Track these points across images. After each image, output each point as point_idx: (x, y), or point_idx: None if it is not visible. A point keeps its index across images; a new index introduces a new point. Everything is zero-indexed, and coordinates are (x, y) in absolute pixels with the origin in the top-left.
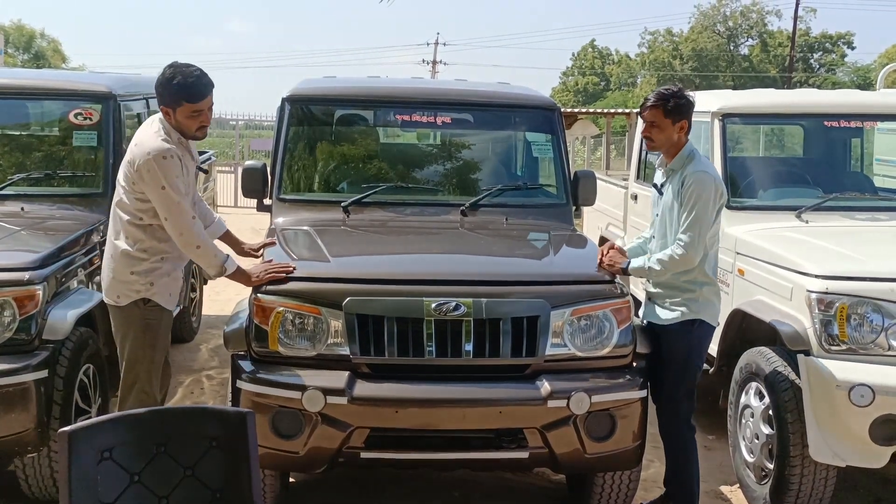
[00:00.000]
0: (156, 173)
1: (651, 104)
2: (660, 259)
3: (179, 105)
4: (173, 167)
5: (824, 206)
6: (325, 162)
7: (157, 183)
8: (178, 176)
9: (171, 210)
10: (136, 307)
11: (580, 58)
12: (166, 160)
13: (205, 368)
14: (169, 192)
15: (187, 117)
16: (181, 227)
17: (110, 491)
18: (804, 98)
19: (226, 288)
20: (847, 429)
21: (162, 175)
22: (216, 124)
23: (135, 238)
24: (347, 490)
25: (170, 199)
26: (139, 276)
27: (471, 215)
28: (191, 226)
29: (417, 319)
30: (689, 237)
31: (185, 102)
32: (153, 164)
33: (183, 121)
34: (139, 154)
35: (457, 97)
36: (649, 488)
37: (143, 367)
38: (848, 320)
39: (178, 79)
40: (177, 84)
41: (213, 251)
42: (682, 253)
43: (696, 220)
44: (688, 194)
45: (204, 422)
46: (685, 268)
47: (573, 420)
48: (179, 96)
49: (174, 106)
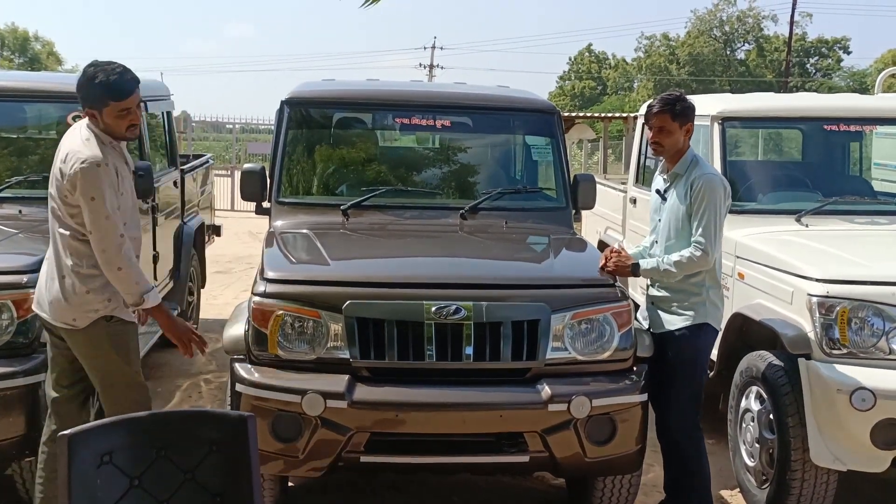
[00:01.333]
0: (87, 183)
1: (658, 110)
2: (676, 261)
3: (106, 105)
4: (106, 177)
5: (824, 210)
6: (325, 165)
7: (88, 193)
8: (110, 187)
9: (97, 224)
10: (98, 327)
11: (577, 62)
12: (100, 168)
13: (202, 372)
14: (98, 205)
15: (115, 117)
16: (105, 243)
17: (110, 495)
18: (804, 102)
19: (223, 291)
20: (848, 433)
21: (93, 185)
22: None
23: (80, 254)
24: (346, 494)
25: (98, 212)
26: (95, 293)
27: (470, 219)
28: (117, 245)
29: (417, 323)
30: (705, 239)
31: (112, 101)
32: (86, 174)
33: (111, 122)
34: (71, 163)
35: (456, 100)
36: (649, 493)
37: (120, 389)
38: (849, 324)
39: (100, 77)
40: (100, 83)
41: (136, 278)
42: (700, 255)
43: (711, 223)
44: (699, 197)
45: (204, 425)
46: (701, 269)
47: (574, 424)
48: (105, 95)
49: (100, 107)
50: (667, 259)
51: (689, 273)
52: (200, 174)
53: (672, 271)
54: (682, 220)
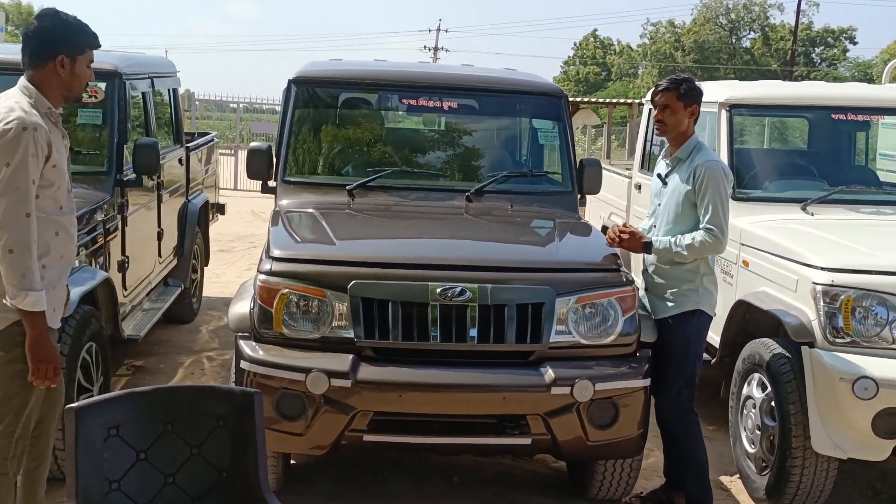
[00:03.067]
0: (6, 146)
1: (664, 87)
2: (688, 244)
3: (82, 52)
4: (33, 145)
5: (830, 199)
6: (331, 145)
7: (3, 159)
8: (33, 157)
9: (4, 194)
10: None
11: (582, 47)
12: (26, 132)
13: (205, 350)
14: (12, 172)
15: (87, 66)
16: (4, 217)
17: (117, 468)
18: (812, 90)
19: (226, 270)
20: (850, 421)
21: (13, 150)
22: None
23: None
24: (348, 472)
25: (9, 180)
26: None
27: (476, 201)
28: (20, 223)
29: (422, 304)
30: (716, 225)
31: (87, 49)
32: (9, 135)
33: (81, 72)
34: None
35: (464, 82)
36: (649, 477)
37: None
38: (853, 313)
39: (71, 20)
40: (81, 27)
41: (25, 269)
42: (714, 241)
43: (718, 208)
44: (702, 185)
45: (211, 401)
46: (714, 254)
47: (576, 407)
48: (85, 41)
49: (76, 53)
50: (679, 240)
51: (703, 256)
52: (205, 152)
53: (683, 253)
54: (682, 205)
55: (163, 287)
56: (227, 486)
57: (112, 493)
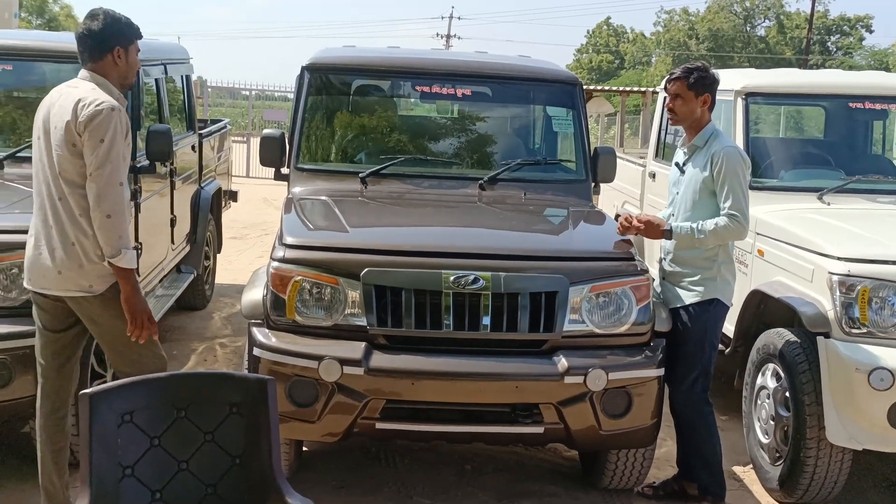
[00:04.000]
0: (101, 125)
1: (675, 77)
2: (711, 229)
3: (131, 42)
4: (119, 124)
5: (846, 189)
6: (344, 132)
7: (98, 136)
8: (120, 133)
9: (101, 168)
10: (115, 290)
11: (595, 35)
12: (114, 112)
13: (217, 336)
14: (107, 147)
15: (135, 56)
16: (103, 187)
17: (130, 454)
18: (829, 78)
19: (238, 257)
20: (865, 412)
21: (106, 128)
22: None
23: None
24: (360, 460)
25: (106, 155)
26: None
27: (489, 189)
28: (116, 191)
29: (435, 292)
30: (737, 210)
31: (135, 38)
32: (102, 116)
33: (133, 61)
34: (85, 107)
35: (478, 69)
36: (662, 467)
37: (137, 347)
38: (869, 303)
39: (120, 16)
40: (126, 21)
41: (121, 231)
42: (736, 226)
43: (738, 194)
44: (721, 171)
45: (225, 387)
46: (737, 239)
47: (589, 396)
48: (132, 33)
49: (127, 45)
50: (701, 226)
51: (724, 242)
52: (218, 139)
53: (705, 239)
54: (700, 192)
55: (175, 274)
56: (240, 473)
57: (126, 478)
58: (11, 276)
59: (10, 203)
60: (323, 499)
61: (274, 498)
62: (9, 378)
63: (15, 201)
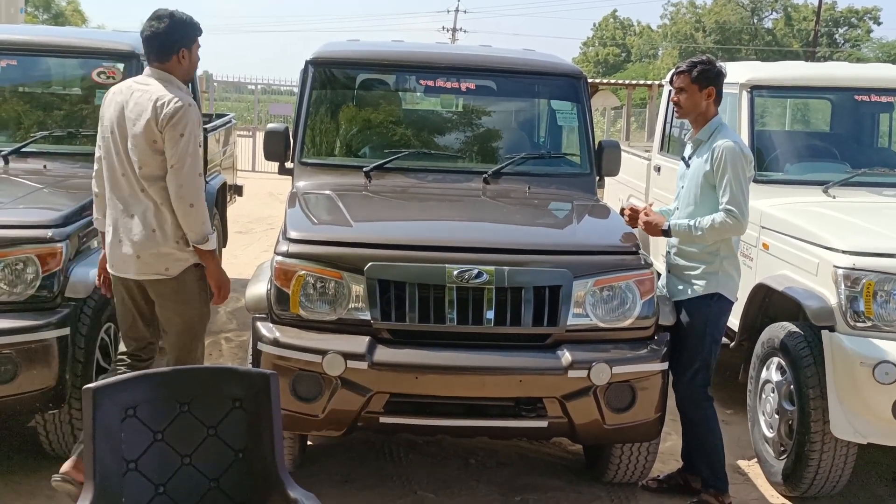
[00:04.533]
0: (181, 120)
1: (679, 70)
2: (708, 226)
3: (194, 41)
4: (196, 118)
5: (852, 182)
6: (348, 126)
7: (179, 130)
8: (197, 126)
9: (182, 160)
10: (188, 274)
11: (601, 28)
12: (191, 108)
13: (223, 331)
14: (188, 141)
15: (197, 52)
16: (185, 178)
17: (133, 448)
18: (835, 71)
19: (244, 251)
20: (869, 406)
21: (186, 123)
22: (234, 88)
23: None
24: (364, 454)
25: (186, 148)
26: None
27: (493, 183)
28: (196, 182)
29: (439, 286)
30: (735, 206)
31: (198, 36)
32: (182, 112)
33: (196, 58)
34: (165, 104)
35: (482, 63)
36: (666, 461)
37: (197, 337)
38: (874, 297)
39: (184, 17)
40: (189, 20)
41: (204, 217)
42: (733, 222)
43: (737, 190)
44: (720, 165)
45: (227, 382)
46: (734, 235)
47: (593, 391)
48: (195, 31)
49: (190, 44)
50: (699, 222)
51: (722, 238)
52: (223, 133)
53: (703, 235)
54: (702, 187)
55: None
56: (243, 467)
57: (129, 472)
58: (17, 271)
59: (15, 198)
60: (327, 493)
61: (277, 492)
62: (14, 372)
63: (20, 196)
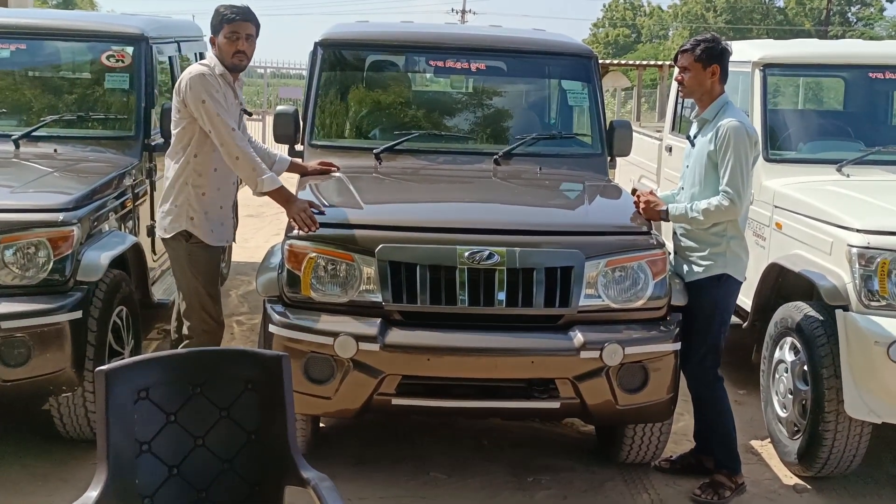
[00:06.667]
0: (195, 89)
1: (682, 48)
2: (704, 209)
3: (221, 28)
4: (212, 84)
5: (866, 160)
6: (358, 108)
7: (198, 97)
8: (217, 91)
9: (212, 122)
10: (177, 241)
11: (611, 9)
12: (203, 76)
13: (234, 314)
14: (209, 105)
15: (225, 40)
16: (222, 137)
17: (146, 430)
18: (848, 49)
19: (255, 234)
20: (884, 385)
21: (201, 89)
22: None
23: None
24: (377, 436)
25: (209, 111)
26: (179, 208)
27: (504, 164)
28: (231, 137)
29: (450, 268)
30: (732, 189)
31: (225, 24)
32: (193, 81)
33: (223, 45)
34: (182, 80)
35: (492, 43)
36: (679, 441)
37: (195, 310)
38: (889, 276)
39: (217, 8)
40: (217, 11)
41: (253, 164)
42: (728, 205)
43: (736, 171)
44: (723, 145)
45: (240, 364)
46: (729, 218)
47: (606, 371)
48: (220, 19)
49: (216, 32)
50: (695, 206)
51: (717, 221)
52: None
53: (699, 218)
54: (706, 167)
55: None
56: (256, 449)
57: (143, 454)
58: (28, 254)
59: (27, 182)
60: (340, 474)
61: (290, 473)
62: (28, 356)
63: (31, 180)
